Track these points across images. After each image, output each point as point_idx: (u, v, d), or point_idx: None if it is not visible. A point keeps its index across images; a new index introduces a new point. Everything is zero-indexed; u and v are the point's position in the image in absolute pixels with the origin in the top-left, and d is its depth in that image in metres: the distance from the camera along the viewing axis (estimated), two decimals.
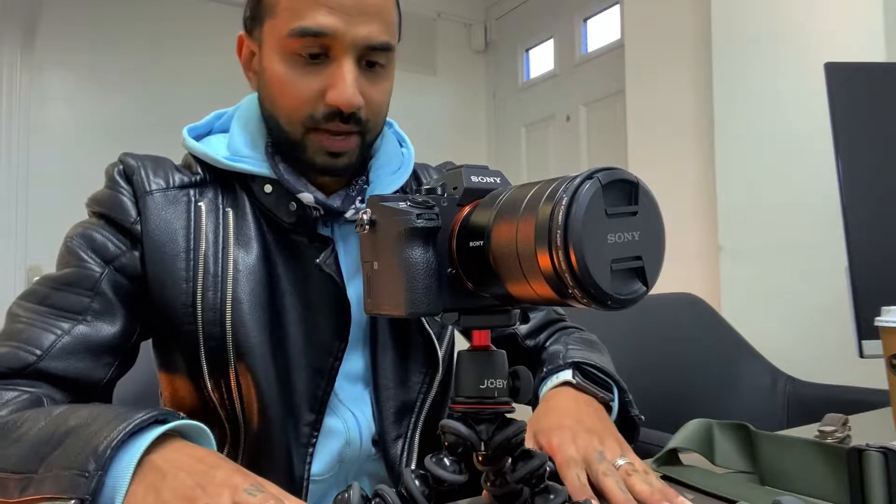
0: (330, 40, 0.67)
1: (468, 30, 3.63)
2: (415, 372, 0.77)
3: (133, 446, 0.48)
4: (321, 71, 0.69)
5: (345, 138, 0.71)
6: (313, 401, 0.71)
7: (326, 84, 0.68)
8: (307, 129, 0.70)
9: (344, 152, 0.72)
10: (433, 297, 0.44)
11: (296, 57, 0.69)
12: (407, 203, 0.45)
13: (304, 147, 0.71)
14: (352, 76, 0.68)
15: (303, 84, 0.69)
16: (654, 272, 0.38)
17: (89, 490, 0.45)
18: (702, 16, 2.18)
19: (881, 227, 1.05)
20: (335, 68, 0.68)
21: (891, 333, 0.75)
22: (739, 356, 1.55)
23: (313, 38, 0.67)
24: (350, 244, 0.76)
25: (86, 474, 0.46)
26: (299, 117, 0.70)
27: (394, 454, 0.74)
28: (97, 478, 0.46)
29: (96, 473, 0.46)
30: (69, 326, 0.65)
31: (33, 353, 0.63)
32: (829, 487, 0.61)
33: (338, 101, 0.68)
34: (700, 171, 2.22)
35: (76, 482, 0.46)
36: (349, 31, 0.67)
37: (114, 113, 2.64)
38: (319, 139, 0.71)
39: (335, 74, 0.68)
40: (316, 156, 0.71)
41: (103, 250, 0.69)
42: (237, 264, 0.71)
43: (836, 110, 1.06)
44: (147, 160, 0.75)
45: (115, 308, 0.68)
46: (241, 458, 0.69)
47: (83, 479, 0.46)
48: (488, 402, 0.48)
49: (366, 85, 0.70)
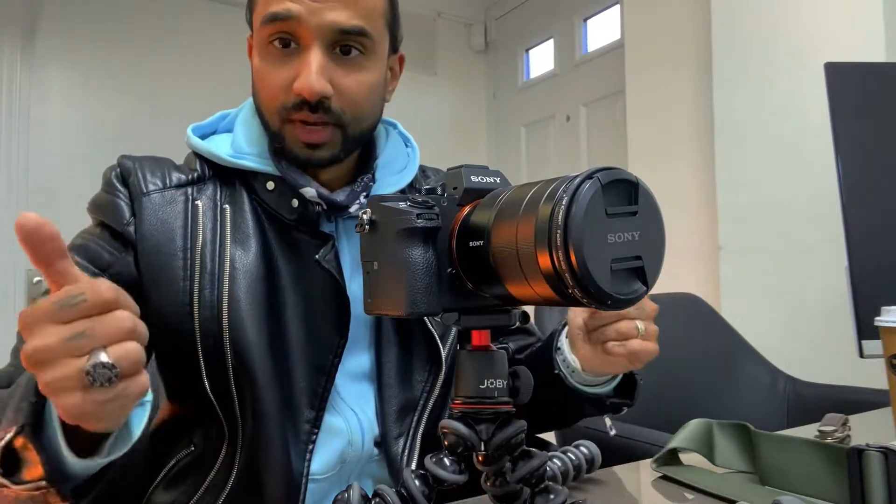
0: (295, 25, 0.67)
1: (468, 30, 3.62)
2: (418, 370, 0.77)
3: None
4: (292, 61, 0.69)
5: (320, 129, 0.70)
6: (313, 398, 0.71)
7: (296, 73, 0.68)
8: (282, 120, 0.71)
9: (320, 144, 0.71)
10: (433, 297, 0.44)
11: (270, 48, 0.70)
12: (407, 203, 0.45)
13: (282, 139, 0.71)
14: (317, 63, 0.68)
15: (275, 74, 0.70)
16: (654, 272, 0.38)
17: (27, 415, 0.48)
18: (702, 16, 2.18)
19: (881, 226, 1.05)
20: (303, 57, 0.68)
21: (891, 333, 0.75)
22: (739, 356, 1.55)
23: (281, 23, 0.68)
24: (353, 240, 0.76)
25: (23, 405, 0.48)
26: (274, 108, 0.70)
27: (395, 452, 0.74)
28: (31, 404, 0.48)
29: (31, 400, 0.48)
30: None
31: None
32: (829, 487, 0.61)
33: (300, 89, 0.67)
34: (700, 171, 2.22)
35: (18, 414, 0.48)
36: (314, 15, 0.67)
37: (114, 112, 2.64)
38: (294, 130, 0.70)
39: (301, 63, 0.68)
40: (294, 147, 0.71)
41: (97, 260, 0.70)
42: (234, 261, 0.71)
43: (836, 110, 1.06)
44: (145, 161, 0.75)
45: None
46: (239, 455, 0.69)
47: (21, 409, 0.48)
48: (488, 402, 0.48)
49: (338, 73, 0.69)
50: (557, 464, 0.64)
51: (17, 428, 0.48)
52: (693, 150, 2.26)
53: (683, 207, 2.25)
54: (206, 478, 0.70)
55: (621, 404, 0.76)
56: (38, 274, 2.79)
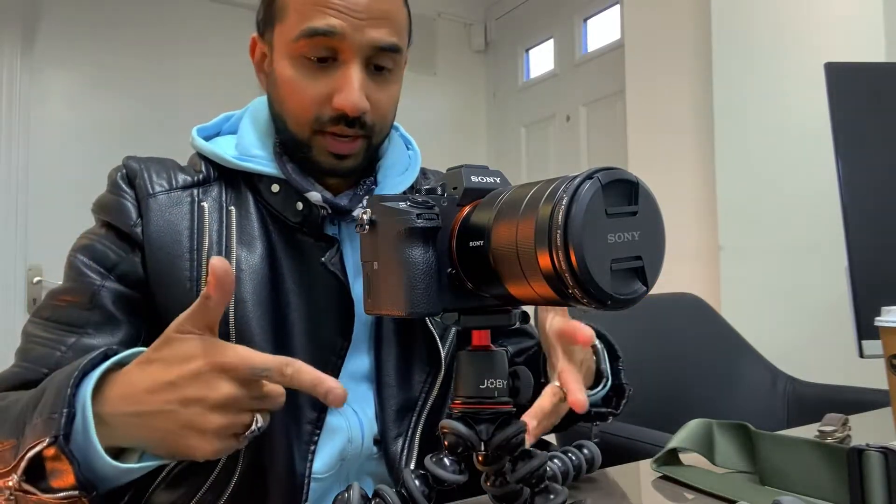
0: (338, 41, 0.68)
1: (468, 30, 3.62)
2: (417, 371, 0.77)
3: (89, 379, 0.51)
4: (329, 74, 0.70)
5: (350, 141, 0.72)
6: (315, 399, 0.71)
7: (333, 87, 0.69)
8: (313, 131, 0.71)
9: (349, 155, 0.73)
10: (433, 297, 0.44)
11: (304, 60, 0.70)
12: (407, 203, 0.45)
13: (309, 148, 0.72)
14: (359, 80, 0.69)
15: (310, 87, 0.70)
16: (654, 272, 0.38)
17: (60, 427, 0.48)
18: (702, 16, 2.18)
19: (881, 227, 1.05)
20: (343, 72, 0.69)
21: (891, 333, 0.75)
22: (739, 356, 1.55)
23: (322, 39, 0.68)
24: (356, 244, 0.76)
25: (54, 416, 0.49)
26: (306, 119, 0.71)
27: (394, 452, 0.74)
28: (65, 415, 0.49)
29: (63, 411, 0.49)
30: (73, 340, 0.67)
31: (39, 371, 0.65)
32: (829, 487, 0.61)
33: (344, 106, 0.69)
34: (700, 171, 2.22)
35: (48, 425, 0.49)
36: (357, 32, 0.68)
37: (114, 113, 2.64)
38: (325, 141, 0.72)
39: (342, 78, 0.69)
40: (321, 157, 0.72)
41: (103, 260, 0.70)
42: (240, 263, 0.71)
43: (836, 110, 1.06)
44: (151, 162, 0.75)
45: (116, 318, 0.69)
46: (242, 455, 0.69)
47: (53, 420, 0.49)
48: (488, 402, 0.48)
49: (373, 89, 0.71)
50: (557, 464, 0.64)
51: (49, 438, 0.48)
52: (693, 150, 2.26)
53: (683, 207, 2.25)
54: (207, 479, 0.70)
55: (607, 413, 0.75)
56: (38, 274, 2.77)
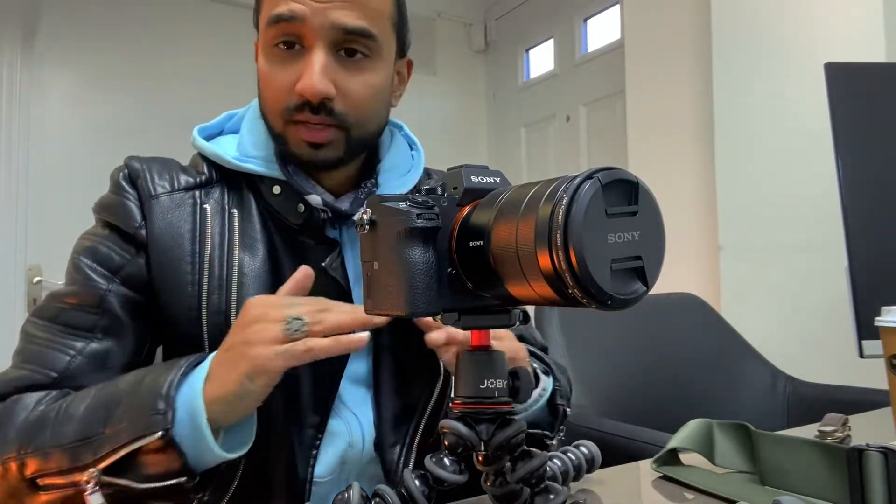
0: (299, 25, 0.67)
1: (468, 30, 3.62)
2: (416, 378, 0.76)
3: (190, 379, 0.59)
4: (296, 62, 0.69)
5: (321, 129, 0.70)
6: (318, 404, 0.71)
7: (298, 74, 0.68)
8: (285, 121, 0.70)
9: (323, 144, 0.71)
10: (433, 297, 0.44)
11: (274, 49, 0.70)
12: (407, 203, 0.45)
13: (285, 140, 0.71)
14: (320, 64, 0.67)
15: (279, 76, 0.70)
16: (654, 272, 0.38)
17: (167, 422, 0.54)
18: (702, 16, 2.18)
19: (881, 226, 1.05)
20: (307, 57, 0.68)
21: (891, 333, 0.75)
22: (739, 356, 1.55)
23: (286, 25, 0.68)
24: (358, 247, 0.76)
25: (160, 412, 0.55)
26: (278, 109, 0.70)
27: (391, 460, 0.74)
28: (171, 412, 0.55)
29: (169, 409, 0.55)
30: (82, 345, 0.67)
31: (49, 375, 0.65)
32: (829, 487, 0.61)
33: (303, 90, 0.67)
34: (700, 171, 2.22)
35: (153, 420, 0.54)
36: (318, 16, 0.67)
37: (114, 112, 2.64)
38: (297, 131, 0.70)
39: (304, 64, 0.68)
40: (297, 148, 0.71)
41: (108, 262, 0.70)
42: (242, 267, 0.70)
43: (836, 110, 1.06)
44: (153, 163, 0.75)
45: (124, 322, 0.69)
46: (243, 459, 0.69)
47: (159, 417, 0.54)
48: (488, 402, 0.48)
49: (341, 75, 0.69)
50: (557, 464, 0.64)
51: (161, 432, 0.54)
52: (693, 150, 2.26)
53: (683, 207, 2.25)
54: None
55: (541, 436, 0.73)
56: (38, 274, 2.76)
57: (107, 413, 0.58)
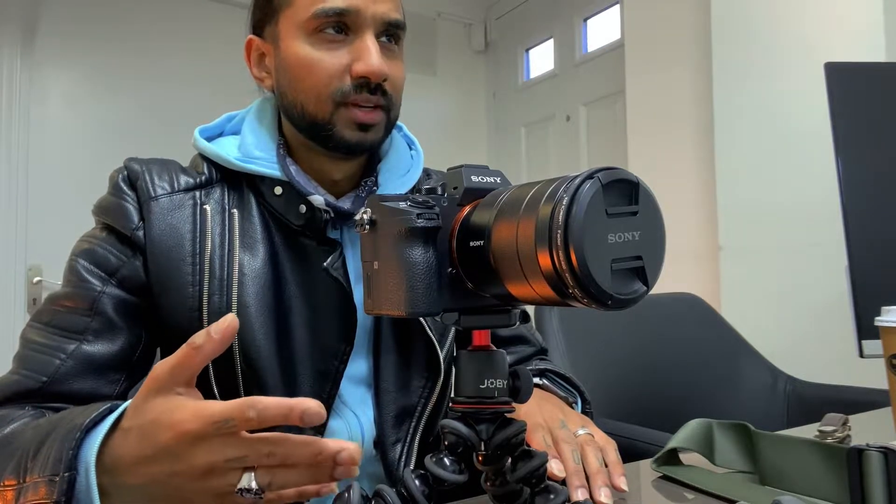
0: (352, 18, 0.70)
1: (468, 30, 3.62)
2: (416, 377, 0.77)
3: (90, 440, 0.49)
4: (345, 46, 0.71)
5: (372, 110, 0.72)
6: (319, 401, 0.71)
7: (352, 57, 0.70)
8: (336, 104, 0.71)
9: (372, 125, 0.72)
10: (433, 296, 0.44)
11: (319, 35, 0.71)
12: (407, 203, 0.45)
13: (333, 124, 0.72)
14: (376, 48, 0.70)
15: (329, 59, 0.71)
16: (654, 272, 0.38)
17: (63, 492, 0.47)
18: (702, 16, 2.18)
19: (881, 226, 1.05)
20: (359, 42, 0.70)
21: (891, 333, 0.75)
22: (739, 356, 1.55)
23: (336, 17, 0.70)
24: (358, 247, 0.76)
25: (56, 478, 0.47)
26: (328, 93, 0.71)
27: (392, 458, 0.74)
28: (66, 479, 0.47)
29: (65, 475, 0.47)
30: (72, 348, 0.66)
31: (38, 380, 0.65)
32: (829, 487, 0.61)
33: (366, 71, 0.70)
34: (700, 171, 2.22)
35: (50, 487, 0.47)
36: (369, 7, 0.70)
37: (114, 112, 2.64)
38: (349, 113, 0.71)
39: (360, 48, 0.70)
40: (346, 132, 0.72)
41: (104, 264, 0.70)
42: (243, 267, 0.70)
43: (836, 110, 1.06)
44: (153, 164, 0.75)
45: (116, 324, 0.69)
46: None
47: (55, 483, 0.47)
48: (488, 401, 0.48)
49: (386, 61, 0.72)
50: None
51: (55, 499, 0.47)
52: (693, 150, 2.26)
53: (683, 207, 2.25)
54: None
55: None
56: (38, 274, 2.76)
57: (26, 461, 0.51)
